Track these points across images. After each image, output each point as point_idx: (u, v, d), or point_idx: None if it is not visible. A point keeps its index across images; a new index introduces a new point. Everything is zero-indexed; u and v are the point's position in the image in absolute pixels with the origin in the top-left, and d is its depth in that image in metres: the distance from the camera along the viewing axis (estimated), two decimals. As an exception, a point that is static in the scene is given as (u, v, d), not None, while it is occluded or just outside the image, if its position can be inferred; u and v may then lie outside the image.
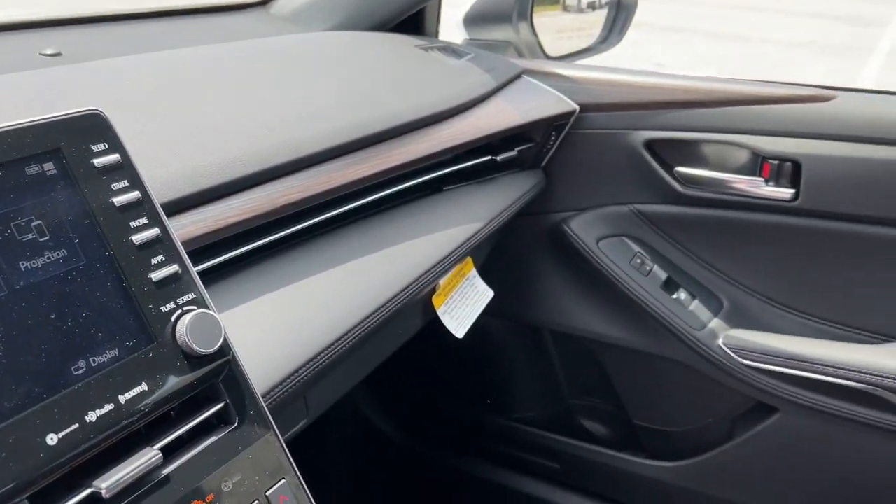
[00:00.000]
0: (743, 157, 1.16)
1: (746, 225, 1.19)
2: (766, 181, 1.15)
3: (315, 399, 0.84)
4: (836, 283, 1.17)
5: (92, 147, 0.51)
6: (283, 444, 0.55)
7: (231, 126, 0.78)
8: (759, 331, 1.21)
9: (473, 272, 1.12)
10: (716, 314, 1.23)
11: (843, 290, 1.17)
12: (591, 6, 1.63)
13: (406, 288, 0.87)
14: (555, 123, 1.18)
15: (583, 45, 1.50)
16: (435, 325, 1.04)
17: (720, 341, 1.20)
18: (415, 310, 1.01)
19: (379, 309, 0.82)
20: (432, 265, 0.92)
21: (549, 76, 1.22)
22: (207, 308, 0.52)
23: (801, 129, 1.11)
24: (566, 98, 1.19)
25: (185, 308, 0.51)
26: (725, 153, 1.18)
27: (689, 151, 1.19)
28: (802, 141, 1.11)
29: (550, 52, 1.45)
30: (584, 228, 1.25)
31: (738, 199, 1.17)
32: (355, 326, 0.78)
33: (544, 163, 1.24)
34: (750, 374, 1.20)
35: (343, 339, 0.76)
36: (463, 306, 1.07)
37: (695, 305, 1.23)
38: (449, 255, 0.95)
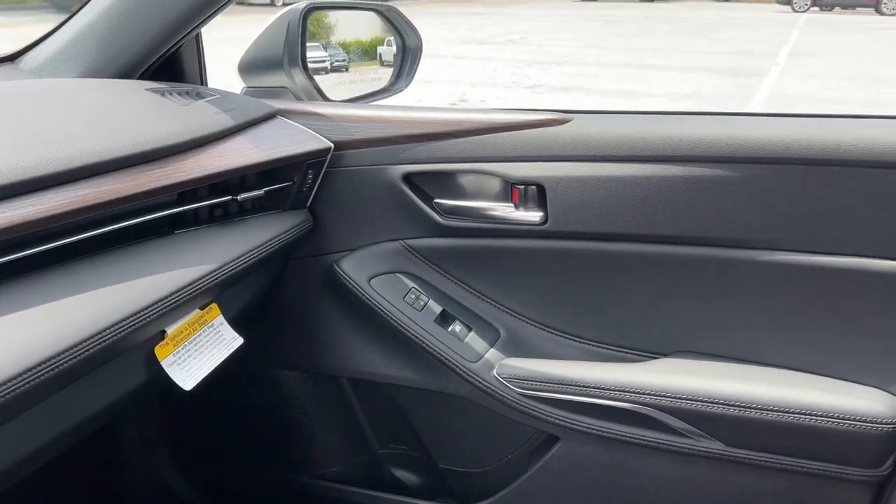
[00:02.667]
0: (495, 184, 1.16)
1: (508, 252, 1.19)
2: (516, 206, 1.15)
3: None
4: (595, 303, 1.17)
5: None
6: None
7: None
8: (535, 357, 1.19)
9: (219, 319, 1.07)
10: (492, 344, 1.21)
11: (602, 310, 1.17)
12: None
13: (95, 336, 0.80)
14: (309, 162, 1.16)
15: (369, 90, 1.51)
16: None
17: (495, 372, 1.18)
18: (131, 360, 0.95)
19: (56, 357, 0.76)
20: (136, 311, 0.86)
21: (305, 115, 1.21)
22: None
23: (541, 153, 1.12)
24: (320, 136, 1.18)
25: None
26: (479, 182, 1.18)
27: (445, 183, 1.19)
28: (544, 164, 1.12)
29: (333, 97, 1.45)
30: (355, 268, 1.22)
31: (496, 227, 1.17)
32: (24, 373, 0.71)
33: (309, 203, 1.21)
34: (526, 403, 1.17)
35: (8, 385, 0.69)
36: (200, 356, 1.01)
37: (470, 337, 1.21)
38: (162, 300, 0.90)
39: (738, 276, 1.08)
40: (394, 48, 1.62)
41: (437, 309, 1.22)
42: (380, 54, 1.67)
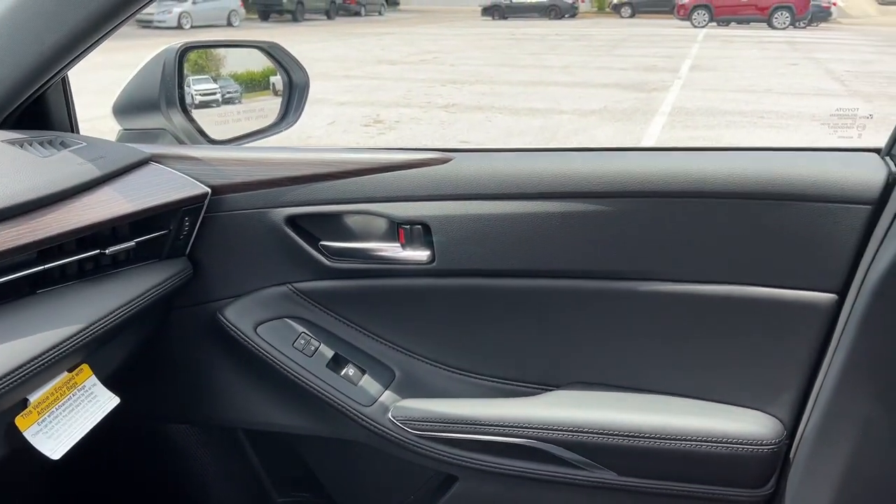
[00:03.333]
0: (381, 224, 1.15)
1: (398, 291, 1.17)
2: (403, 246, 1.14)
3: None
4: (487, 338, 1.17)
5: None
6: None
7: None
8: (430, 396, 1.18)
9: (91, 380, 1.01)
10: (386, 386, 1.19)
11: (493, 345, 1.17)
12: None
13: None
14: (184, 208, 1.11)
15: (259, 126, 1.47)
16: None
17: (390, 415, 1.16)
18: (-12, 435, 0.88)
19: None
20: None
21: (180, 160, 1.16)
22: None
23: (425, 192, 1.11)
24: (196, 181, 1.14)
25: None
26: (365, 223, 1.16)
27: (330, 224, 1.17)
28: (428, 203, 1.11)
29: (220, 133, 1.40)
30: (239, 316, 1.18)
31: (384, 267, 1.15)
32: None
33: (188, 251, 1.17)
34: (423, 444, 1.15)
35: None
36: (69, 422, 0.95)
37: (364, 380, 1.19)
38: (20, 367, 0.84)
39: (620, 306, 1.10)
40: (284, 81, 1.59)
41: (329, 353, 1.19)
42: (273, 84, 1.63)
